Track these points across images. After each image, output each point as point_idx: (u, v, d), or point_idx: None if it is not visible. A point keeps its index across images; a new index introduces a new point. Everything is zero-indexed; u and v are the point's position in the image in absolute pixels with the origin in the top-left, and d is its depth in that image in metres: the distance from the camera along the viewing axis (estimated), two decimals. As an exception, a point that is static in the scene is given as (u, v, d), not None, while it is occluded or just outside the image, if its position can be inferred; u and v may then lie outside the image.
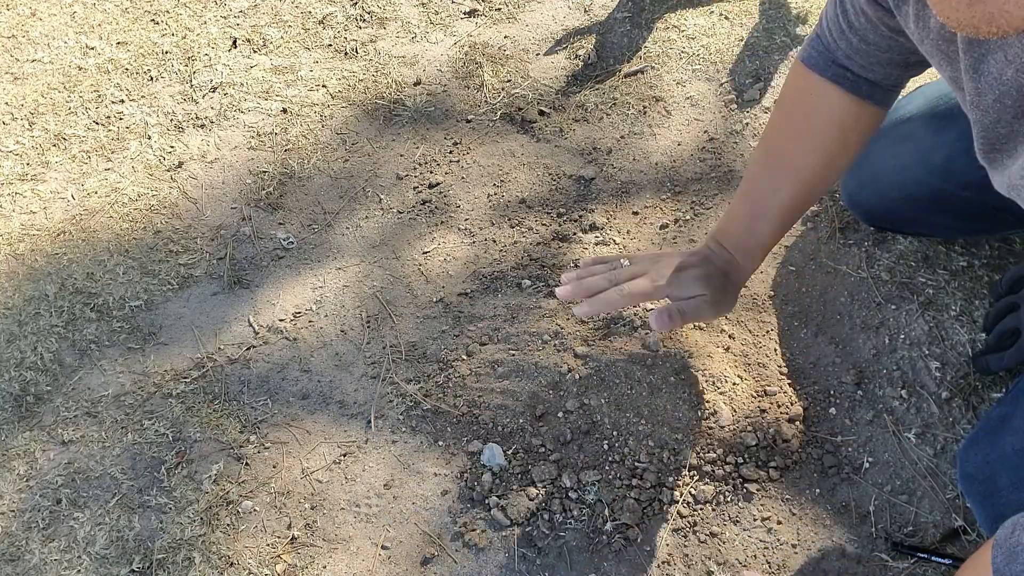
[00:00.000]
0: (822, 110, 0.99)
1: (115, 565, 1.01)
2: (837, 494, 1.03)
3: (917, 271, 1.22)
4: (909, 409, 1.09)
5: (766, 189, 1.02)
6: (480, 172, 1.42)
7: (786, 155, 1.01)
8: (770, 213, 1.02)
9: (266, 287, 1.28)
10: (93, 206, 1.40)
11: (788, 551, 0.99)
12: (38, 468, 1.10)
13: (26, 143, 1.51)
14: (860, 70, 0.96)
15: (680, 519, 1.01)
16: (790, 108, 1.02)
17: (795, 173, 1.01)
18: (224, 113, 1.54)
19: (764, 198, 1.02)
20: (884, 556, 0.98)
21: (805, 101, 1.00)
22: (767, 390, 1.12)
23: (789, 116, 1.02)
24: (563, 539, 1.00)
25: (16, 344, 1.22)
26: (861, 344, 1.15)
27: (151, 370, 1.19)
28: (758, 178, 1.03)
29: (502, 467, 1.04)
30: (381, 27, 1.69)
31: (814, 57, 0.99)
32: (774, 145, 1.03)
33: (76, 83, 1.60)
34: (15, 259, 1.33)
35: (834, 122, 0.99)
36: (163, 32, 1.71)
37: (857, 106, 0.98)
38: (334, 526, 1.03)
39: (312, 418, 1.13)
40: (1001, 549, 0.62)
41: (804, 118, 1.01)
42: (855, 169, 1.21)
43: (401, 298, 1.26)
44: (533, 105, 1.52)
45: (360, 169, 1.44)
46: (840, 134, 1.00)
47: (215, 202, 1.41)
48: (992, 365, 1.06)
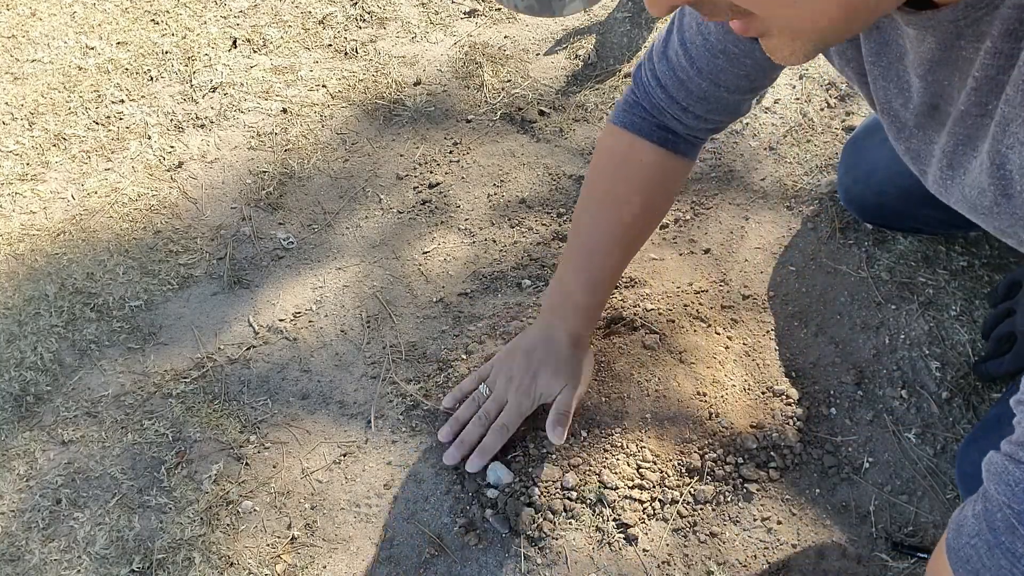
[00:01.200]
0: (650, 172, 1.04)
1: (115, 565, 1.01)
2: (837, 494, 1.03)
3: (917, 271, 1.22)
4: (909, 409, 1.09)
5: (602, 258, 1.07)
6: (480, 172, 1.42)
7: (617, 223, 1.06)
8: (606, 277, 1.08)
9: (266, 287, 1.28)
10: (93, 206, 1.40)
11: (788, 551, 0.99)
12: (38, 468, 1.10)
13: (26, 143, 1.51)
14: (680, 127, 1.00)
15: (680, 519, 1.01)
16: (614, 174, 1.05)
17: (628, 238, 1.07)
18: (224, 113, 1.54)
19: (601, 267, 1.07)
20: (884, 556, 0.98)
21: (630, 165, 1.04)
22: (767, 390, 1.12)
23: (615, 182, 1.05)
24: (563, 539, 1.00)
25: (16, 344, 1.22)
26: (861, 344, 1.15)
27: (151, 370, 1.19)
28: (588, 247, 1.07)
29: (508, 484, 1.04)
30: (381, 27, 1.69)
31: (636, 122, 1.02)
32: (602, 213, 1.06)
33: (76, 83, 1.60)
34: (15, 259, 1.33)
35: (660, 181, 1.05)
36: (163, 32, 1.71)
37: (680, 163, 1.04)
38: (334, 526, 1.03)
39: (312, 418, 1.13)
40: (952, 525, 0.64)
41: (632, 182, 1.04)
42: (850, 166, 1.22)
43: (401, 298, 1.26)
44: (533, 105, 1.52)
45: (360, 169, 1.44)
46: (664, 192, 1.07)
47: (215, 202, 1.41)
48: (992, 371, 1.06)
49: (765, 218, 1.32)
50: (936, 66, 0.63)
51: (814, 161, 1.38)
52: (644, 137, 1.02)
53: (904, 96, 0.71)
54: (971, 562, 0.60)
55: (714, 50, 0.88)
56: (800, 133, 1.43)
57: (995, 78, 0.58)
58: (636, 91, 1.02)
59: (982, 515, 0.60)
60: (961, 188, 0.67)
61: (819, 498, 1.03)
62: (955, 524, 0.63)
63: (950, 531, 0.63)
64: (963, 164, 0.65)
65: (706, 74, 0.91)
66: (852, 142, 1.24)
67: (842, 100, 1.47)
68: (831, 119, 1.44)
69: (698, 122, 0.99)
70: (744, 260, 1.27)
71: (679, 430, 1.08)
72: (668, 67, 0.94)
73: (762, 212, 1.33)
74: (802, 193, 1.34)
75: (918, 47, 0.64)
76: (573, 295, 1.07)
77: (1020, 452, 0.58)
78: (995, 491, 0.59)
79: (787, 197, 1.34)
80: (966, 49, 0.59)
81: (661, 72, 0.96)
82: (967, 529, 0.61)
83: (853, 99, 1.47)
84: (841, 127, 1.43)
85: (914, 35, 0.63)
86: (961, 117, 0.63)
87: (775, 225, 1.31)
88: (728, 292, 1.23)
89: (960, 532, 0.62)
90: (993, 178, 0.61)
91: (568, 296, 1.08)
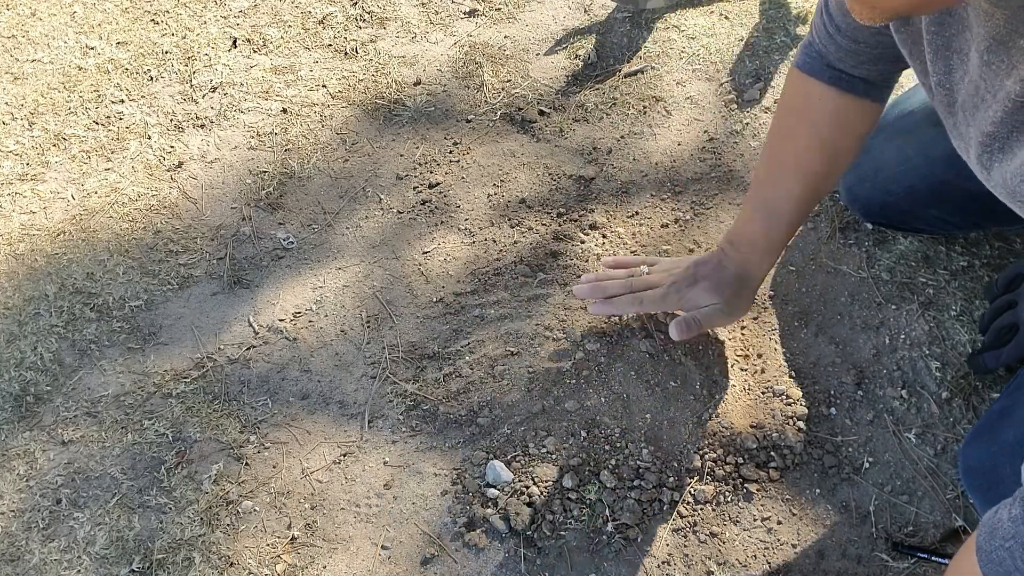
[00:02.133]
0: (822, 111, 1.02)
1: (115, 565, 1.01)
2: (837, 494, 1.03)
3: (917, 271, 1.22)
4: (909, 409, 1.09)
5: (778, 190, 1.05)
6: (480, 172, 1.42)
7: (793, 157, 1.04)
8: (783, 212, 1.05)
9: (266, 287, 1.28)
10: (93, 206, 1.40)
11: (788, 551, 0.99)
12: (38, 468, 1.10)
13: (26, 143, 1.51)
14: (852, 69, 0.99)
15: (680, 519, 1.01)
16: (791, 112, 1.05)
17: (803, 172, 1.04)
18: (224, 113, 1.54)
19: (777, 199, 1.05)
20: (884, 556, 0.98)
21: (805, 104, 1.03)
22: (767, 390, 1.12)
23: (791, 120, 1.05)
24: (563, 539, 1.00)
25: (16, 344, 1.22)
26: (861, 344, 1.15)
27: (151, 370, 1.19)
28: (767, 181, 1.07)
29: (507, 482, 1.04)
30: (381, 27, 1.69)
31: (808, 63, 1.02)
32: (780, 149, 1.06)
33: (76, 83, 1.60)
34: (15, 259, 1.33)
35: (835, 121, 1.02)
36: (163, 32, 1.71)
37: (855, 104, 1.01)
38: (334, 526, 1.03)
39: (312, 418, 1.13)
40: (984, 528, 0.63)
41: (806, 120, 1.03)
42: (856, 164, 1.22)
43: (401, 298, 1.26)
44: (533, 105, 1.52)
45: (360, 169, 1.44)
46: (841, 132, 1.03)
47: (215, 202, 1.41)
48: (988, 362, 1.06)
49: (765, 218, 1.32)
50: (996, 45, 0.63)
51: (814, 161, 1.38)
52: (814, 76, 1.01)
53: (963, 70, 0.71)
54: (1003, 565, 0.59)
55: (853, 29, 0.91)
56: (800, 133, 1.43)
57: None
58: (811, 32, 1.02)
59: (1020, 519, 0.59)
60: (1003, 173, 0.68)
61: (819, 498, 1.02)
62: (988, 527, 0.62)
63: (981, 533, 0.62)
64: (1013, 150, 0.65)
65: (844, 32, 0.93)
66: None
67: (842, 100, 1.47)
68: (831, 119, 1.44)
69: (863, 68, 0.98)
70: (744, 260, 1.27)
71: (679, 430, 1.08)
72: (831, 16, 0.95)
73: (762, 212, 1.33)
74: (802, 193, 1.34)
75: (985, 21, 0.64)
76: (750, 231, 1.07)
77: None
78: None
79: (787, 197, 1.34)
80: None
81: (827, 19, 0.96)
82: (1002, 532, 0.60)
83: (853, 99, 1.47)
84: (841, 127, 1.43)
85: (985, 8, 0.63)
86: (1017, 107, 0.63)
87: (775, 225, 1.31)
88: (728, 292, 1.23)
89: (994, 535, 0.61)
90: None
91: (745, 232, 1.08)
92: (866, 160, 1.20)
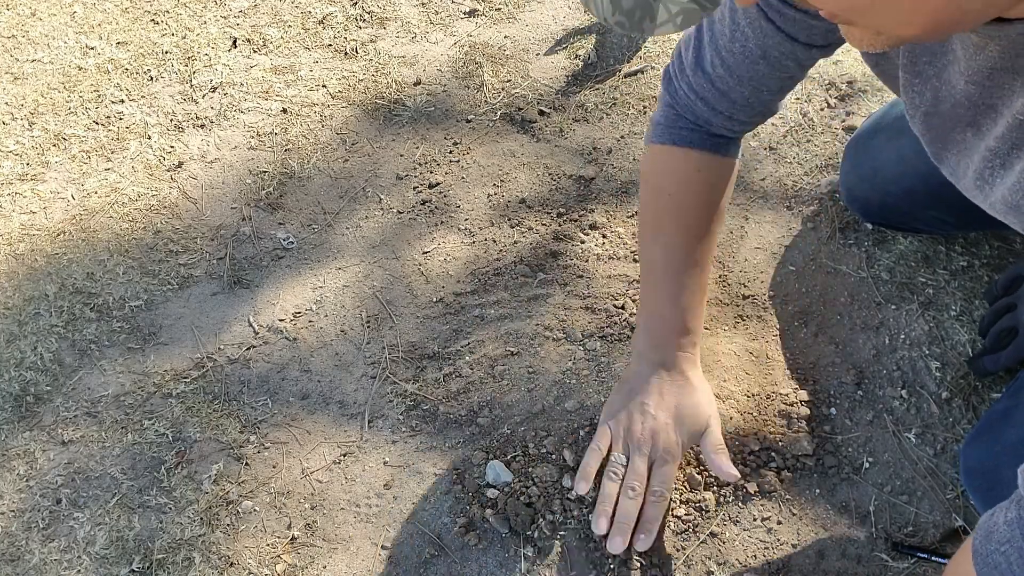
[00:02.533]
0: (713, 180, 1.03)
1: (115, 565, 1.01)
2: (837, 494, 1.03)
3: (917, 271, 1.22)
4: (909, 409, 1.09)
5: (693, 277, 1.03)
6: (480, 172, 1.42)
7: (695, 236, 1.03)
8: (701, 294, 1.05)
9: (266, 287, 1.28)
10: (93, 206, 1.40)
11: (788, 551, 0.99)
12: (38, 468, 1.10)
13: (26, 143, 1.51)
14: (731, 132, 1.00)
15: (680, 519, 1.01)
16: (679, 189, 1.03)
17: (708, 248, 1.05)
18: (224, 113, 1.54)
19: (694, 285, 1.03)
20: (884, 556, 0.98)
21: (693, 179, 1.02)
22: (767, 390, 1.12)
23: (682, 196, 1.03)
24: (563, 539, 1.00)
25: (16, 344, 1.22)
26: (861, 344, 1.15)
27: (151, 370, 1.19)
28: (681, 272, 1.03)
29: (507, 483, 1.04)
30: (381, 27, 1.69)
31: (686, 135, 1.01)
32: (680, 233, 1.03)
33: (76, 83, 1.60)
34: (15, 259, 1.33)
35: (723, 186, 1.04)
36: (163, 32, 1.71)
37: (733, 164, 1.04)
38: (334, 526, 1.03)
39: (312, 418, 1.13)
40: (981, 531, 0.63)
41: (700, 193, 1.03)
42: (855, 164, 1.22)
43: (401, 298, 1.26)
44: (533, 105, 1.52)
45: (360, 169, 1.44)
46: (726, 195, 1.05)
47: (215, 202, 1.41)
48: (988, 366, 1.06)
49: (765, 218, 1.32)
50: (996, 72, 0.64)
51: (814, 161, 1.38)
52: (696, 148, 1.01)
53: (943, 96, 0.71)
54: (999, 569, 0.59)
55: (753, 56, 0.89)
56: (800, 133, 1.43)
57: None
58: (675, 106, 1.01)
59: (1015, 522, 0.59)
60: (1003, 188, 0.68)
61: (819, 498, 1.03)
62: (984, 529, 0.62)
63: (978, 536, 0.62)
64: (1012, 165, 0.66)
65: (747, 81, 0.92)
66: (856, 140, 1.24)
67: (842, 100, 1.47)
68: (831, 119, 1.44)
69: (742, 126, 1.01)
70: (744, 260, 1.27)
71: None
72: (706, 79, 0.94)
73: (762, 212, 1.33)
74: (802, 193, 1.34)
75: (975, 54, 0.64)
76: (674, 323, 1.02)
77: None
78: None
79: (787, 197, 1.34)
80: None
81: (699, 86, 0.96)
82: (998, 535, 0.60)
83: (853, 99, 1.47)
84: (841, 127, 1.43)
85: (975, 42, 0.63)
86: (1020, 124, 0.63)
87: (775, 225, 1.31)
88: (728, 292, 1.23)
89: (990, 538, 0.61)
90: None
91: (670, 325, 1.02)
92: (865, 161, 1.19)
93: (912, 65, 0.74)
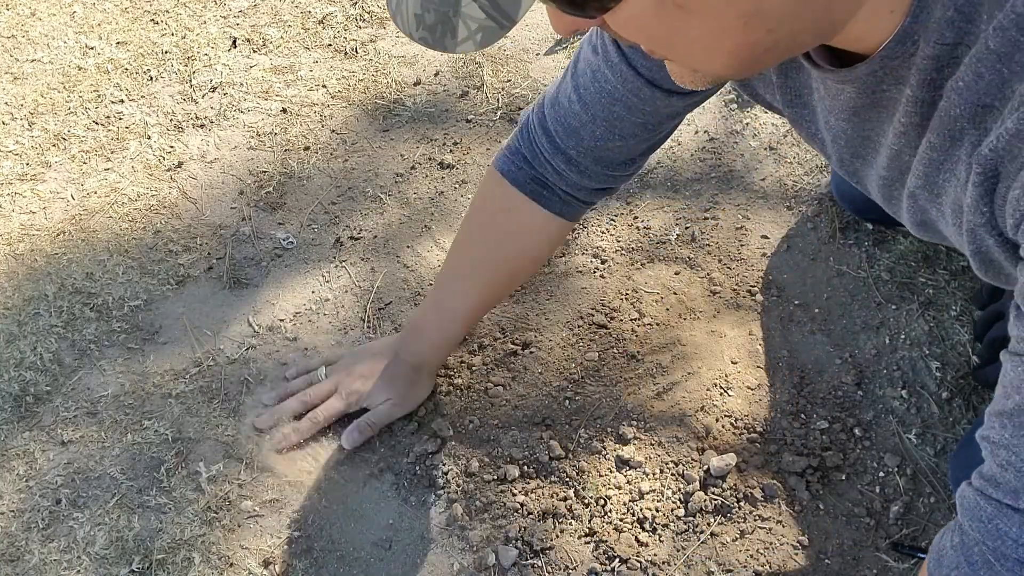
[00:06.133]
0: (523, 229, 1.02)
1: (115, 565, 1.01)
2: (838, 494, 1.03)
3: (917, 271, 1.22)
4: (909, 409, 1.09)
5: (457, 295, 1.08)
6: (480, 172, 1.42)
7: (480, 267, 1.06)
8: (460, 316, 1.09)
9: (266, 287, 1.28)
10: (93, 206, 1.40)
11: (788, 551, 0.99)
12: (38, 468, 1.10)
13: (26, 143, 1.51)
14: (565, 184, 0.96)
15: (680, 520, 1.01)
16: (488, 220, 1.04)
17: (489, 284, 1.08)
18: (224, 113, 1.54)
19: (454, 297, 1.08)
20: (884, 556, 0.98)
21: (505, 216, 1.02)
22: (767, 390, 1.12)
23: (486, 229, 1.05)
24: (562, 540, 1.00)
25: (16, 344, 1.22)
26: (861, 344, 1.15)
27: (150, 370, 1.19)
28: (448, 281, 1.09)
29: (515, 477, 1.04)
30: (381, 27, 1.69)
31: (514, 173, 0.99)
32: (468, 255, 1.07)
33: (76, 83, 1.60)
34: (15, 259, 1.33)
35: (531, 240, 1.03)
36: (163, 32, 1.71)
37: (555, 224, 1.01)
38: (334, 526, 1.03)
39: (312, 418, 1.13)
40: (933, 554, 0.64)
41: (502, 233, 1.03)
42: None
43: (401, 298, 1.26)
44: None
45: (360, 169, 1.44)
46: (536, 250, 1.05)
47: (215, 202, 1.40)
48: (990, 376, 1.06)
49: (765, 218, 1.32)
50: (861, 109, 0.65)
51: (814, 161, 1.38)
52: (519, 189, 0.98)
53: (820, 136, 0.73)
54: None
55: (611, 97, 0.85)
56: (800, 133, 1.43)
57: (919, 124, 0.60)
58: (520, 138, 0.98)
59: (960, 548, 0.60)
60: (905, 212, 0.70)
61: (819, 498, 1.02)
62: (935, 553, 0.63)
63: (931, 559, 0.63)
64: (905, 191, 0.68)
65: (601, 120, 0.87)
66: None
67: (842, 100, 1.47)
68: (831, 119, 1.44)
69: (581, 177, 0.95)
70: (744, 260, 1.27)
71: (678, 431, 1.08)
72: (559, 114, 0.91)
73: (762, 212, 1.33)
74: (802, 193, 1.34)
75: (836, 96, 0.65)
76: (428, 329, 1.10)
77: (990, 488, 0.58)
78: (970, 527, 0.59)
79: (787, 197, 1.34)
80: (889, 91, 0.61)
81: (551, 118, 0.92)
82: (947, 561, 0.61)
83: (853, 99, 1.47)
84: (841, 127, 1.43)
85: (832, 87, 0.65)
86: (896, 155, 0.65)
87: (775, 225, 1.31)
88: (728, 292, 1.23)
89: (940, 563, 0.62)
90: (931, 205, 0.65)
91: (421, 324, 1.11)
92: None
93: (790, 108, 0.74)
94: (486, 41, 0.51)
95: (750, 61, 0.54)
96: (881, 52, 0.57)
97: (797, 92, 0.72)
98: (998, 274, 0.64)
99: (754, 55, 0.53)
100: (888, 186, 0.70)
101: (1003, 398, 0.58)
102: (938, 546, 0.63)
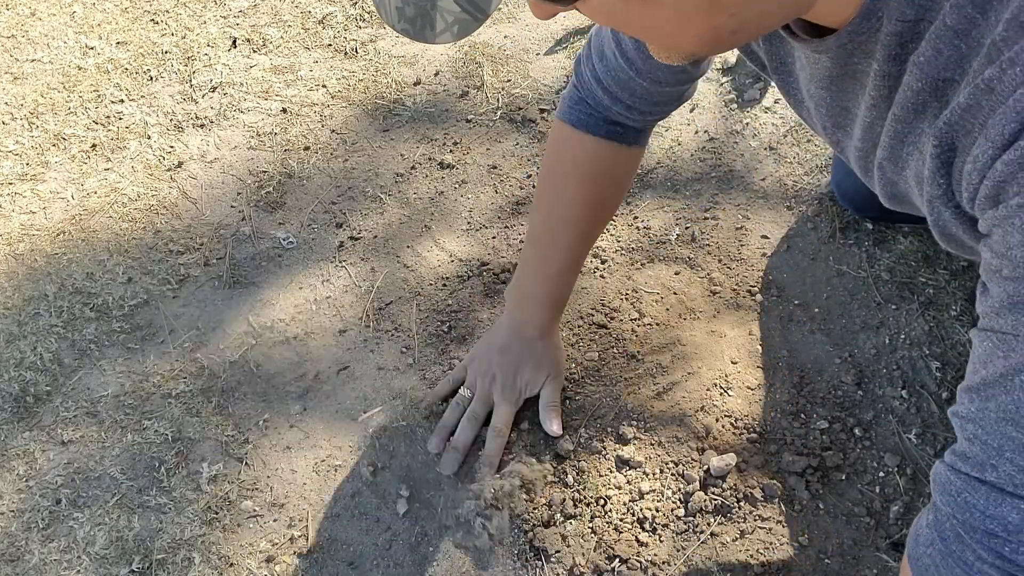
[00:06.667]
0: (599, 166, 1.03)
1: (115, 565, 1.01)
2: (838, 494, 1.03)
3: (917, 271, 1.22)
4: (909, 409, 1.09)
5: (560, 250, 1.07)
6: (480, 172, 1.42)
7: (575, 216, 1.06)
8: (567, 269, 1.09)
9: (266, 287, 1.28)
10: (93, 206, 1.40)
11: (788, 551, 0.99)
12: (38, 468, 1.10)
13: (26, 143, 1.51)
14: (633, 121, 0.99)
15: (680, 520, 1.01)
16: (571, 170, 1.05)
17: (586, 232, 1.08)
18: (224, 113, 1.54)
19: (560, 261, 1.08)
20: (884, 556, 0.98)
21: (589, 161, 1.03)
22: (767, 390, 1.12)
23: (570, 179, 1.05)
24: (563, 540, 1.00)
25: (16, 344, 1.22)
26: (861, 344, 1.15)
27: (150, 370, 1.19)
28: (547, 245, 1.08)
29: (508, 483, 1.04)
30: (381, 27, 1.69)
31: (585, 121, 1.01)
32: (557, 210, 1.07)
33: (76, 83, 1.60)
34: (15, 259, 1.33)
35: (611, 174, 1.04)
36: (163, 32, 1.71)
37: (627, 153, 1.03)
38: (334, 526, 1.03)
39: (312, 418, 1.13)
40: (911, 535, 0.65)
41: (589, 179, 1.04)
42: (842, 160, 1.22)
43: (401, 298, 1.26)
44: (533, 105, 1.52)
45: (360, 169, 1.44)
46: (615, 184, 1.06)
47: (215, 202, 1.40)
48: None
49: (765, 218, 1.32)
50: (836, 79, 0.67)
51: (814, 161, 1.38)
52: (590, 132, 1.01)
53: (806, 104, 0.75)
54: (929, 571, 0.61)
55: (647, 52, 0.88)
56: (800, 133, 1.43)
57: (887, 97, 0.62)
58: (580, 88, 1.01)
59: (933, 525, 0.61)
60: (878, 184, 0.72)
61: (819, 498, 1.02)
62: (913, 534, 0.64)
63: (909, 541, 0.65)
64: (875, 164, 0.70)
65: (645, 74, 0.91)
66: None
67: (842, 100, 1.47)
68: (831, 119, 1.44)
69: (644, 116, 0.99)
70: (744, 260, 1.27)
71: (678, 431, 1.08)
72: (607, 68, 0.94)
73: (762, 212, 1.33)
74: (802, 193, 1.34)
75: (814, 64, 0.68)
76: (535, 292, 1.09)
77: (959, 462, 0.58)
78: (941, 502, 0.60)
79: (787, 197, 1.34)
80: (860, 64, 0.63)
81: (602, 73, 0.95)
82: (923, 539, 0.62)
83: (853, 99, 1.47)
84: (841, 127, 1.43)
85: (809, 56, 0.67)
86: (869, 127, 0.67)
87: (775, 225, 1.31)
88: (728, 292, 1.23)
89: (917, 542, 0.63)
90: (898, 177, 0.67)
91: (529, 293, 1.10)
92: None
93: (776, 74, 0.76)
94: (463, 33, 0.54)
95: (717, 42, 0.56)
96: (848, 27, 0.59)
97: (782, 60, 0.74)
98: (960, 246, 0.66)
99: (720, 36, 0.55)
100: (864, 157, 0.72)
101: (971, 374, 0.59)
102: (916, 527, 0.64)
